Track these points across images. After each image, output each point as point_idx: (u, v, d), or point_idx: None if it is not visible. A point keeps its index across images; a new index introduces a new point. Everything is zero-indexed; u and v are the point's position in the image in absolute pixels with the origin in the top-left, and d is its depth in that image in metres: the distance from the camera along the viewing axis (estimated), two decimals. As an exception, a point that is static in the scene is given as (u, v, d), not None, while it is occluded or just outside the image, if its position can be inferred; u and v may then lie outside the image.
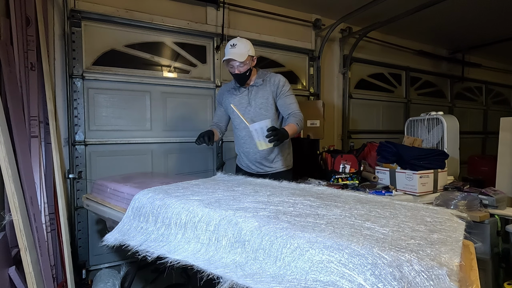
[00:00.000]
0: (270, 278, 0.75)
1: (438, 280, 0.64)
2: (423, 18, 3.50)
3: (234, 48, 1.79)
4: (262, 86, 1.95)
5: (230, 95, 2.03)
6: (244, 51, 1.80)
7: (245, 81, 1.93)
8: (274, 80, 1.94)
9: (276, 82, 1.93)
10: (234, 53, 1.79)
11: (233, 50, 1.79)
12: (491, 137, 5.38)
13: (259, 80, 1.94)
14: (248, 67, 1.86)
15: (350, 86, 3.91)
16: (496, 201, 1.92)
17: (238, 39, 1.83)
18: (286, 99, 1.93)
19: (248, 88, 1.97)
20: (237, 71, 1.84)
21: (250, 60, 1.86)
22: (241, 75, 1.87)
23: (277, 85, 1.93)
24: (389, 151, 2.19)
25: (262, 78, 1.95)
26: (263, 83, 1.95)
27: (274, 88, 1.93)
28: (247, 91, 1.97)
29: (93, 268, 2.49)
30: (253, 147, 1.93)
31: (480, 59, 5.22)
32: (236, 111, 1.83)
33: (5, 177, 1.59)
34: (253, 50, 1.87)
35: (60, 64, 2.38)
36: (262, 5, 3.15)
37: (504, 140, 2.59)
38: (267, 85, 1.94)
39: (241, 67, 1.83)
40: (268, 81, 1.94)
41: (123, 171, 2.52)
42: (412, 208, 1.13)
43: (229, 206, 1.06)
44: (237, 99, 1.98)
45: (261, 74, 1.98)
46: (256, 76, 1.97)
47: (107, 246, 1.17)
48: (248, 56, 1.81)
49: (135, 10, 2.60)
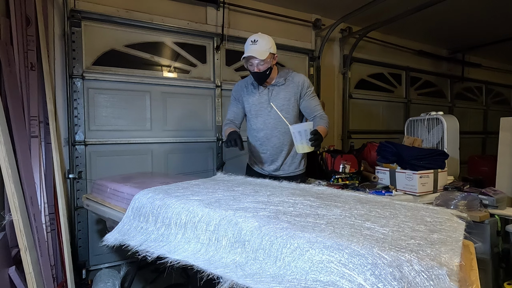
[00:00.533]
0: (270, 278, 0.75)
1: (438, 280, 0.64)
2: (423, 18, 3.50)
3: (255, 45, 1.67)
4: (283, 86, 1.83)
5: (249, 93, 1.89)
6: (265, 48, 1.67)
7: (265, 80, 1.80)
8: (298, 80, 1.83)
9: (300, 83, 1.82)
10: (254, 50, 1.66)
11: (254, 47, 1.67)
12: (491, 137, 5.37)
13: (281, 79, 1.82)
14: (269, 66, 1.73)
15: (350, 86, 3.91)
16: (496, 201, 1.92)
17: (259, 35, 1.71)
18: (311, 101, 1.83)
19: (268, 87, 1.85)
20: (256, 70, 1.72)
21: (271, 58, 1.73)
22: (261, 74, 1.74)
23: (302, 85, 1.82)
24: (389, 151, 2.19)
25: (284, 77, 1.83)
26: (285, 82, 1.83)
27: (298, 89, 1.83)
28: (267, 90, 1.85)
29: (93, 268, 2.48)
30: (270, 149, 1.89)
31: (480, 59, 5.22)
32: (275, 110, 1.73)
33: (5, 177, 1.59)
34: (275, 48, 1.75)
35: (60, 64, 2.38)
36: (262, 5, 3.15)
37: (504, 140, 2.59)
38: (290, 86, 1.83)
39: (261, 65, 1.71)
40: (291, 81, 1.83)
41: (123, 171, 2.52)
42: (412, 208, 1.13)
43: (229, 206, 1.06)
44: (256, 98, 1.87)
45: (282, 73, 1.85)
46: (277, 75, 1.84)
47: (107, 246, 1.17)
48: (269, 53, 1.69)
49: (135, 10, 2.60)
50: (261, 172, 2.00)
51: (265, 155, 1.94)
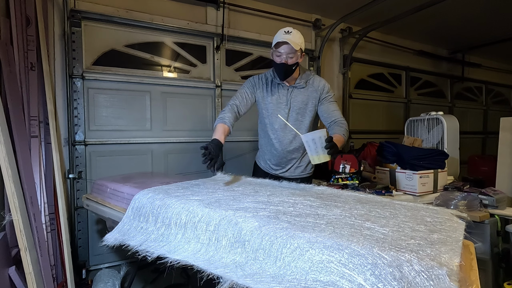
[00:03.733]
0: (270, 278, 0.75)
1: (438, 280, 0.64)
2: (423, 18, 3.50)
3: (289, 35, 1.59)
4: (303, 89, 1.78)
5: (267, 90, 1.81)
6: (299, 41, 1.61)
7: (289, 75, 1.71)
8: (318, 85, 1.78)
9: (320, 87, 1.77)
10: (289, 39, 1.58)
11: (288, 36, 1.59)
12: (491, 137, 5.37)
13: (302, 82, 1.76)
14: (297, 61, 1.66)
15: (350, 86, 3.91)
16: (496, 201, 1.92)
17: (292, 28, 1.64)
18: (330, 106, 1.76)
19: (288, 88, 1.78)
20: (284, 61, 1.63)
21: (300, 53, 1.66)
22: (287, 67, 1.65)
23: (322, 90, 1.77)
24: (389, 151, 2.19)
25: (305, 79, 1.78)
26: (306, 86, 1.78)
27: (318, 93, 1.77)
28: (286, 91, 1.78)
29: (93, 268, 2.48)
30: (282, 150, 1.84)
31: (480, 59, 5.21)
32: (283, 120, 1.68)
33: (5, 177, 1.59)
34: (304, 46, 1.69)
35: (60, 64, 2.38)
36: (262, 5, 3.15)
37: (504, 140, 2.59)
38: (309, 89, 1.78)
39: (290, 58, 1.62)
40: (311, 84, 1.78)
41: (123, 171, 2.52)
42: (412, 208, 1.13)
43: (229, 206, 1.06)
44: (275, 97, 1.79)
45: (304, 75, 1.79)
46: (299, 76, 1.78)
47: (107, 246, 1.17)
48: (300, 48, 1.63)
49: (135, 10, 2.60)
50: (268, 171, 1.97)
51: (276, 156, 1.89)
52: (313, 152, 1.42)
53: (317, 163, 1.44)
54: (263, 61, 3.26)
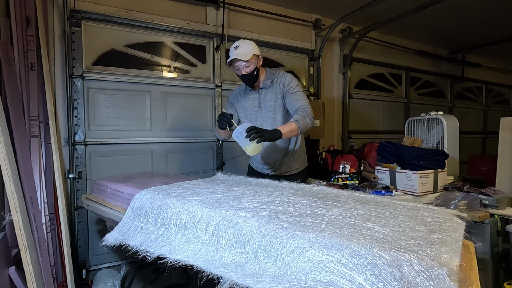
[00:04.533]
0: (270, 278, 0.75)
1: (438, 280, 0.64)
2: (423, 18, 3.50)
3: (238, 49, 1.74)
4: (270, 88, 1.87)
5: (243, 98, 1.97)
6: (248, 51, 1.74)
7: (254, 81, 1.85)
8: (281, 80, 1.86)
9: (282, 82, 1.85)
10: (237, 53, 1.73)
11: (237, 51, 1.74)
12: (491, 137, 5.37)
13: (268, 81, 1.87)
14: (255, 66, 1.78)
15: (350, 86, 3.91)
16: (496, 201, 1.92)
17: (241, 41, 1.78)
18: (292, 96, 1.81)
19: (258, 90, 1.90)
20: (243, 72, 1.77)
21: (256, 59, 1.79)
22: (248, 76, 1.79)
23: (284, 83, 1.84)
24: (389, 151, 2.19)
25: (271, 79, 1.87)
26: (272, 84, 1.86)
27: (281, 88, 1.85)
28: (257, 94, 1.90)
29: (93, 268, 2.48)
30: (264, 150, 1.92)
31: (480, 59, 5.22)
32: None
33: (5, 177, 1.59)
34: (258, 50, 1.81)
35: (60, 64, 2.38)
36: (262, 5, 3.15)
37: (504, 140, 2.59)
38: (275, 86, 1.86)
39: (247, 67, 1.76)
40: (275, 81, 1.87)
41: (123, 171, 2.52)
42: (412, 208, 1.13)
43: (229, 206, 1.06)
44: (250, 102, 1.93)
45: (269, 74, 1.88)
46: (264, 77, 1.89)
47: (107, 246, 1.17)
48: (253, 55, 1.75)
49: (135, 10, 2.60)
50: (260, 171, 2.05)
51: (263, 157, 1.98)
52: (243, 144, 1.52)
53: (251, 154, 1.55)
54: (263, 61, 3.26)
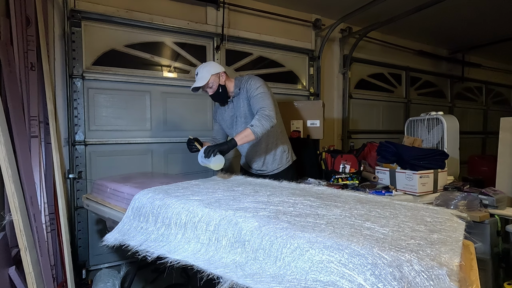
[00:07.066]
0: (270, 278, 0.75)
1: (438, 280, 0.64)
2: (423, 18, 3.50)
3: (197, 76, 1.84)
4: (239, 96, 1.91)
5: (222, 111, 2.04)
6: (206, 75, 1.81)
7: (223, 98, 1.93)
8: (245, 85, 1.87)
9: (246, 87, 1.86)
10: (197, 81, 1.83)
11: (197, 78, 1.84)
12: (491, 137, 5.37)
13: (237, 89, 1.91)
14: (217, 85, 1.86)
15: (350, 86, 3.91)
16: (496, 201, 1.92)
17: (200, 67, 1.86)
18: (253, 100, 1.81)
19: (232, 100, 1.96)
20: (210, 93, 1.87)
21: (216, 78, 1.84)
22: (215, 95, 1.88)
23: (247, 88, 1.86)
24: (389, 151, 2.19)
25: (238, 86, 1.91)
26: (239, 91, 1.90)
27: (246, 93, 1.87)
28: (232, 104, 1.97)
29: (93, 268, 2.48)
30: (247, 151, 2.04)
31: (480, 59, 5.22)
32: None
33: (5, 177, 1.59)
34: (217, 68, 1.85)
35: (60, 64, 2.38)
36: (262, 5, 3.15)
37: (504, 140, 2.59)
38: (242, 93, 1.89)
39: (210, 88, 1.85)
40: (242, 88, 1.89)
41: (123, 171, 2.52)
42: (412, 208, 1.13)
43: (229, 206, 1.06)
44: (227, 113, 2.00)
45: (237, 82, 1.92)
46: (234, 86, 1.93)
47: (107, 246, 1.17)
48: (210, 76, 1.81)
49: (135, 10, 2.60)
50: (251, 171, 2.14)
51: (247, 158, 2.09)
52: (206, 163, 1.64)
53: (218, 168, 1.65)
54: (263, 61, 3.26)
